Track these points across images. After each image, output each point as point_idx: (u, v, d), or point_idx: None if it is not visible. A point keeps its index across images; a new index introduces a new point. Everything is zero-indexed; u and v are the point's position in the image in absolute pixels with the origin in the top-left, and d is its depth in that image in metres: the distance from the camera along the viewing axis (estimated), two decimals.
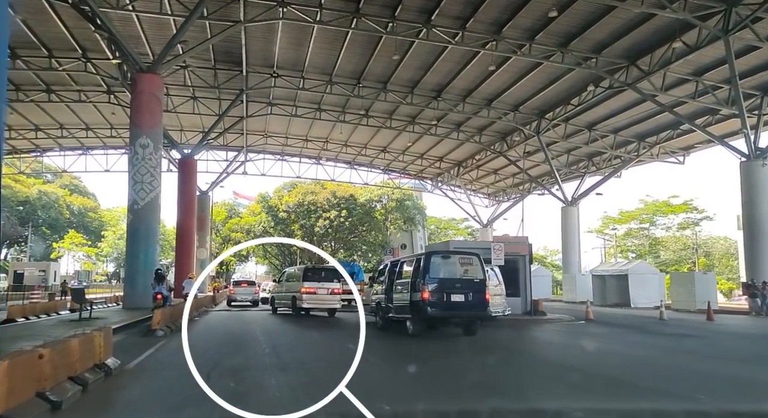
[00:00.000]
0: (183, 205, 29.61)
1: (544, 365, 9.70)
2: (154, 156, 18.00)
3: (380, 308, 14.98)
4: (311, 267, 24.15)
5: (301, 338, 13.63)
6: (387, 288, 14.57)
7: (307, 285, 21.02)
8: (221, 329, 15.32)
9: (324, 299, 21.10)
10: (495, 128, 33.07)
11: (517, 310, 17.68)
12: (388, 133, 36.30)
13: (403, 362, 9.57)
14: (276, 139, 39.71)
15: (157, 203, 18.24)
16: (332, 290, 21.38)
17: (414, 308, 12.58)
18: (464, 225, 63.90)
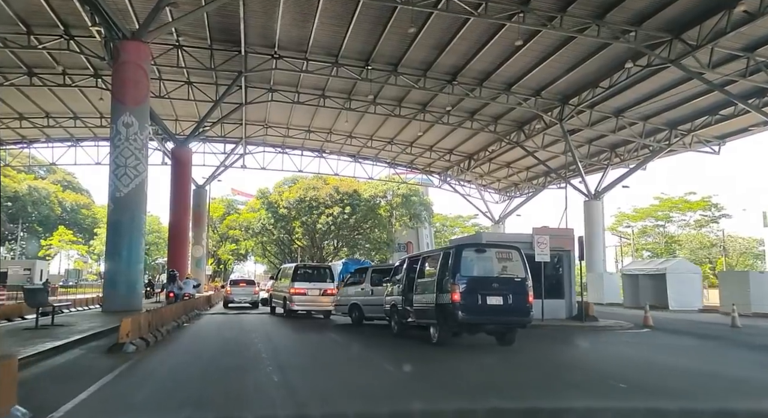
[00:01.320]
0: (177, 199, 27.38)
1: (639, 393, 6.90)
2: (139, 136, 15.71)
3: (396, 311, 12.77)
4: (302, 265, 21.97)
5: (315, 353, 10.84)
6: (405, 288, 12.34)
7: (297, 285, 19.23)
8: (213, 340, 12.71)
9: (315, 300, 19.26)
10: (512, 117, 30.82)
11: (560, 314, 15.42)
12: (396, 122, 34.05)
13: (431, 378, 7.57)
14: (277, 130, 37.46)
15: (142, 191, 15.98)
16: (325, 290, 19.40)
17: (441, 313, 10.41)
18: (471, 222, 61.70)
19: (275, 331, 14.73)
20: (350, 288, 18.26)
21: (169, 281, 20.90)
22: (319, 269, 21.76)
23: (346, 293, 18.23)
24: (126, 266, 15.35)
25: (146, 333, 10.13)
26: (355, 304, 17.39)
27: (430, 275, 11.14)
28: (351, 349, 11.45)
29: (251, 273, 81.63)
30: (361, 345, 11.89)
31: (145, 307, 15.64)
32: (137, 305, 15.61)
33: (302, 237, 54.63)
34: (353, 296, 17.80)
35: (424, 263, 11.75)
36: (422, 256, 12.30)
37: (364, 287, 17.47)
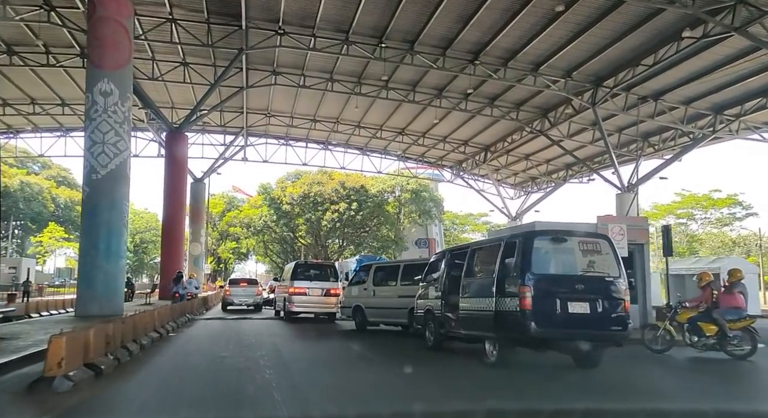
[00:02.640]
0: (171, 191, 24.93)
1: None
2: (120, 108, 13.28)
3: (432, 318, 10.33)
4: (303, 263, 20.09)
5: (347, 382, 7.43)
6: (445, 290, 9.91)
7: (297, 285, 17.53)
8: (202, 362, 8.97)
9: (316, 301, 17.51)
10: (536, 103, 28.32)
11: (633, 322, 12.91)
12: (409, 109, 31.59)
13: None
14: (280, 119, 35.01)
15: (124, 173, 13.57)
16: (328, 290, 17.63)
17: (502, 323, 7.91)
18: (483, 220, 59.18)
19: (285, 344, 11.80)
20: (354, 288, 16.35)
21: (176, 282, 20.44)
22: (322, 267, 19.68)
23: (350, 294, 16.43)
24: (104, 261, 12.89)
25: (100, 356, 7.15)
26: (358, 306, 15.58)
27: (485, 273, 8.68)
28: (398, 376, 8.06)
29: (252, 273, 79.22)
30: (392, 362, 9.39)
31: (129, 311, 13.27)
32: (117, 308, 13.21)
33: (306, 235, 52.19)
34: (356, 298, 15.95)
35: (474, 258, 9.19)
36: (471, 248, 9.64)
37: (366, 287, 15.55)
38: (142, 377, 7.41)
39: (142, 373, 7.76)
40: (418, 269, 14.34)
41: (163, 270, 25.54)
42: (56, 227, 49.93)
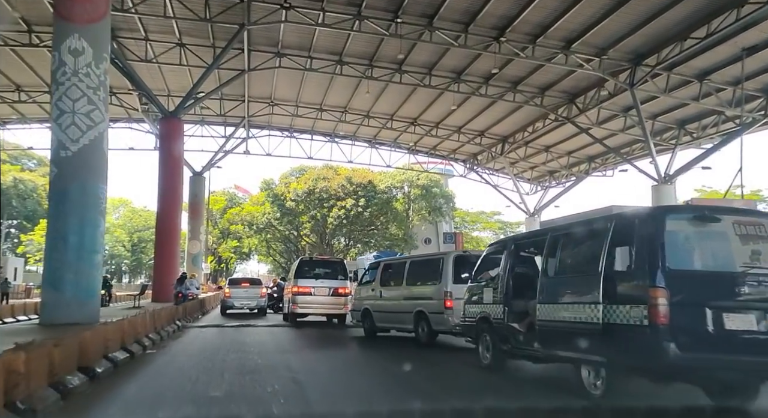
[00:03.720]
0: (165, 182, 22.66)
1: None
2: (93, 71, 10.97)
3: (488, 328, 8.04)
4: (307, 259, 18.25)
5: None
6: (509, 292, 7.61)
7: (302, 283, 15.88)
8: (177, 410, 5.56)
9: (323, 302, 15.82)
10: (563, 87, 26.01)
11: None
12: (422, 96, 29.35)
13: None
14: (284, 108, 32.74)
15: (99, 150, 11.31)
16: (336, 289, 15.92)
17: (617, 342, 5.51)
18: (496, 218, 56.85)
19: (302, 368, 8.53)
20: (363, 289, 14.52)
21: (179, 282, 20.28)
22: (329, 264, 17.74)
23: (359, 296, 14.66)
24: (75, 257, 10.57)
25: (21, 395, 4.48)
26: (367, 310, 13.86)
27: (580, 268, 6.32)
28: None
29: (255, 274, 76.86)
30: (455, 394, 6.90)
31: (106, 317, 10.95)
32: (90, 315, 10.92)
33: (310, 233, 49.97)
34: (365, 300, 14.16)
35: (558, 247, 6.66)
36: (551, 234, 6.99)
37: (373, 288, 13.78)
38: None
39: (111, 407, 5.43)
40: (427, 265, 12.67)
41: (158, 269, 23.30)
42: None
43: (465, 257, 11.92)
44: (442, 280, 11.52)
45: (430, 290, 12.00)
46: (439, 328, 11.52)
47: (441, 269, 11.71)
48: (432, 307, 11.65)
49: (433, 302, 11.65)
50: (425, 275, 12.75)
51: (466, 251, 12.72)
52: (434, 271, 12.13)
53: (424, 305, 11.92)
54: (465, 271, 11.61)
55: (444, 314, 11.16)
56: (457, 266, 11.54)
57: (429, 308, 11.74)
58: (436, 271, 11.93)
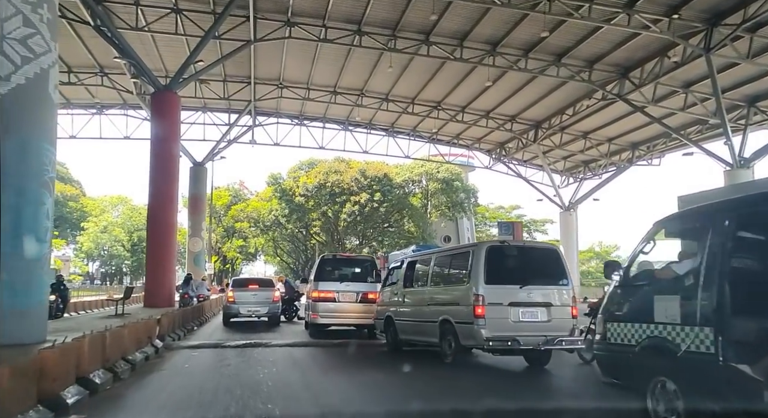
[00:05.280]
0: (158, 168, 19.43)
1: None
2: None
3: (669, 366, 4.69)
4: (330, 257, 15.07)
5: None
6: (724, 302, 4.21)
7: (323, 287, 13.26)
8: None
9: (349, 311, 13.11)
10: (615, 59, 22.65)
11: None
12: (449, 75, 26.10)
13: None
14: (294, 91, 29.52)
15: (44, 94, 8.02)
16: (365, 294, 12.94)
17: None
18: (515, 213, 53.44)
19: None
20: (387, 290, 11.71)
21: (185, 283, 20.19)
22: (357, 263, 14.75)
23: (383, 300, 12.21)
24: (8, 247, 7.09)
25: None
26: (390, 317, 11.07)
27: None
28: None
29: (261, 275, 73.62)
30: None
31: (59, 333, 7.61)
32: (33, 330, 7.66)
33: (320, 232, 46.78)
34: (388, 305, 11.77)
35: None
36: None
37: (396, 291, 11.42)
38: None
39: None
40: (454, 261, 9.83)
41: (150, 269, 20.05)
42: None
43: (502, 250, 9.14)
44: (472, 279, 8.78)
45: (457, 293, 9.24)
46: (467, 342, 8.78)
47: (470, 265, 8.88)
48: (459, 315, 8.90)
49: (461, 308, 8.86)
50: (451, 273, 10.02)
51: (504, 242, 9.78)
52: (462, 268, 9.36)
53: (450, 312, 9.13)
54: (503, 268, 8.84)
55: (474, 325, 8.48)
56: (491, 261, 8.70)
57: (455, 316, 8.97)
58: (464, 268, 9.14)
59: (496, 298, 8.46)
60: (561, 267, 9.11)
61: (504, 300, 8.50)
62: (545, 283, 9.00)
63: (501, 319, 8.42)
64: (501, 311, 8.45)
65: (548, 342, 8.38)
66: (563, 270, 9.12)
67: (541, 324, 8.59)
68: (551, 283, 9.01)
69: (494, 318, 8.37)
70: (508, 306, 8.51)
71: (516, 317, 8.52)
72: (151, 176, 19.74)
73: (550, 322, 8.64)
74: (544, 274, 9.08)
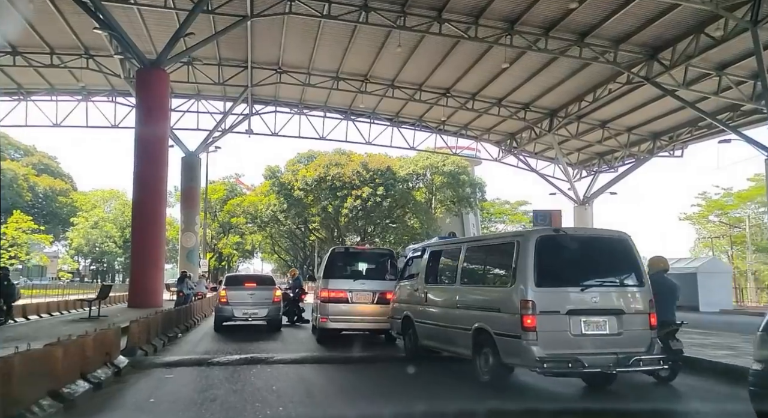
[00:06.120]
0: (144, 153, 17.52)
1: None
2: None
3: None
4: (342, 250, 12.86)
5: None
6: None
7: (333, 286, 11.31)
8: None
9: (364, 313, 11.16)
10: (644, 37, 20.78)
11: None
12: (461, 59, 24.29)
13: None
14: (293, 76, 27.63)
15: None
16: (383, 294, 10.88)
17: None
18: (522, 209, 51.64)
19: None
20: (405, 285, 9.83)
21: (180, 281, 19.61)
22: (372, 257, 12.77)
23: (399, 297, 10.25)
24: None
25: None
26: (408, 318, 9.55)
27: None
28: None
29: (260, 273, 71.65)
30: None
31: None
32: None
33: (320, 228, 44.96)
34: (405, 303, 9.82)
35: None
36: None
37: (416, 287, 9.43)
38: None
39: None
40: (493, 254, 7.98)
41: (136, 265, 18.15)
42: (22, 215, 42.28)
43: (557, 241, 7.06)
44: (517, 279, 6.77)
45: (497, 296, 7.23)
46: (511, 360, 6.84)
47: (515, 259, 6.86)
48: (500, 324, 6.92)
49: (502, 316, 6.90)
50: (489, 269, 8.03)
51: (559, 230, 7.42)
52: (503, 263, 7.42)
53: (488, 319, 7.18)
54: (560, 264, 6.97)
55: (521, 340, 6.52)
56: (544, 255, 6.77)
57: (495, 325, 7.01)
58: (506, 263, 7.14)
59: (551, 304, 6.58)
60: (634, 261, 7.15)
61: (561, 307, 6.58)
62: (614, 283, 7.05)
63: (558, 332, 6.52)
64: (558, 321, 6.53)
65: (621, 362, 6.38)
66: (637, 265, 7.15)
67: (610, 338, 6.64)
68: (622, 283, 7.07)
69: (549, 331, 6.47)
70: (567, 315, 6.56)
71: (577, 329, 6.57)
72: (137, 163, 17.86)
73: (622, 335, 6.67)
74: (613, 271, 7.16)
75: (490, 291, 7.53)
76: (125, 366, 7.31)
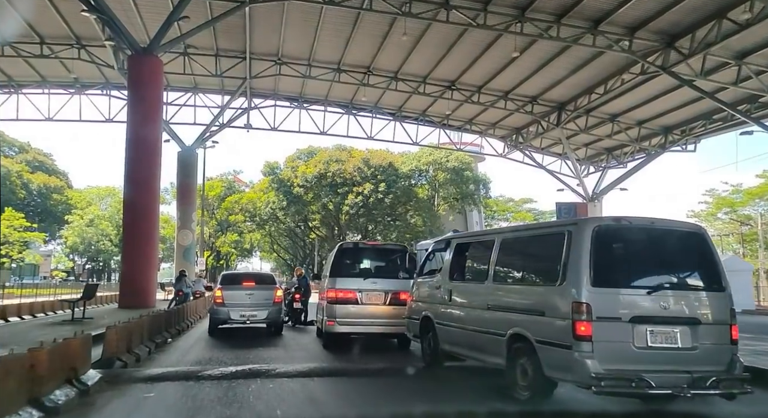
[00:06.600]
0: (137, 143, 16.55)
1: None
2: None
3: None
4: (351, 246, 11.88)
5: None
6: None
7: (342, 285, 10.28)
8: None
9: (375, 315, 10.11)
10: (660, 24, 19.82)
11: None
12: (469, 48, 23.34)
13: None
14: (293, 67, 26.65)
15: None
16: (397, 294, 9.90)
17: None
18: (527, 207, 50.71)
19: None
20: (424, 282, 8.76)
21: (178, 280, 19.87)
22: (384, 253, 11.68)
23: (417, 295, 9.17)
24: None
25: None
26: (427, 318, 8.47)
27: None
28: None
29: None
30: None
31: None
32: None
33: (320, 225, 44.02)
34: (425, 303, 8.73)
35: None
36: None
37: (438, 285, 8.27)
38: None
39: None
40: (535, 247, 6.85)
41: (127, 263, 17.19)
42: (13, 213, 41.13)
43: (618, 232, 6.00)
44: (568, 277, 5.68)
45: (540, 297, 6.14)
46: (558, 375, 5.73)
47: (564, 254, 5.77)
48: (544, 330, 5.87)
49: (547, 321, 5.86)
50: (531, 265, 6.89)
51: (620, 219, 6.06)
52: (549, 258, 6.24)
53: (528, 324, 6.12)
54: (621, 261, 5.96)
55: (572, 351, 5.43)
56: (602, 249, 5.69)
57: (537, 331, 5.96)
58: (553, 258, 5.98)
59: (611, 309, 5.52)
60: (712, 261, 6.07)
61: (623, 313, 5.51)
62: (688, 286, 6.05)
63: (618, 343, 5.47)
64: (618, 330, 5.47)
65: (696, 383, 5.27)
66: (715, 265, 6.05)
67: (683, 353, 5.56)
68: (697, 286, 6.03)
69: (607, 342, 5.42)
70: (630, 323, 5.49)
71: (642, 340, 5.50)
72: (129, 156, 16.90)
73: (697, 350, 5.58)
74: (686, 271, 6.16)
75: (531, 291, 6.45)
76: (96, 383, 6.04)
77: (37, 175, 52.67)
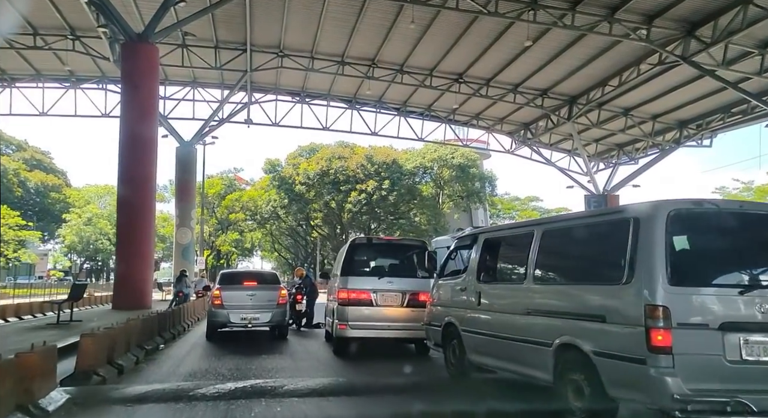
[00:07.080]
0: (131, 136, 15.66)
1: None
2: None
3: None
4: (365, 241, 11.03)
5: None
6: None
7: (354, 285, 9.29)
8: None
9: (391, 318, 9.17)
10: (680, 11, 18.88)
11: None
12: (478, 39, 22.44)
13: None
14: (296, 60, 25.76)
15: None
16: (415, 295, 8.98)
17: None
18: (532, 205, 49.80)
19: None
20: (446, 284, 7.71)
21: (178, 280, 20.11)
22: (401, 249, 10.51)
23: (439, 298, 8.14)
24: None
25: None
26: (451, 324, 7.46)
27: None
28: None
29: None
30: None
31: None
32: None
33: (322, 224, 43.15)
34: (448, 307, 7.68)
35: None
36: None
37: (464, 287, 7.24)
38: None
39: None
40: (588, 239, 5.69)
41: (122, 262, 16.33)
42: (9, 211, 40.25)
43: (700, 219, 4.86)
44: (638, 274, 4.64)
45: (601, 298, 5.08)
46: (626, 395, 4.69)
47: (631, 246, 4.76)
48: (605, 339, 4.83)
49: (610, 328, 4.81)
50: (584, 261, 5.81)
51: (701, 202, 4.87)
52: (610, 252, 5.24)
53: (583, 331, 5.11)
54: (704, 255, 4.87)
55: (647, 365, 4.39)
56: (680, 239, 4.73)
57: (596, 340, 4.93)
58: (616, 252, 4.93)
59: (695, 313, 4.51)
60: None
61: (710, 319, 4.49)
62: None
63: (706, 356, 4.43)
64: (706, 340, 4.43)
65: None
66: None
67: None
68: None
69: (692, 354, 4.39)
70: (720, 331, 4.45)
71: (735, 353, 4.44)
72: (123, 150, 16.01)
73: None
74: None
75: (586, 291, 5.31)
76: (60, 407, 4.80)
77: (34, 174, 51.85)
